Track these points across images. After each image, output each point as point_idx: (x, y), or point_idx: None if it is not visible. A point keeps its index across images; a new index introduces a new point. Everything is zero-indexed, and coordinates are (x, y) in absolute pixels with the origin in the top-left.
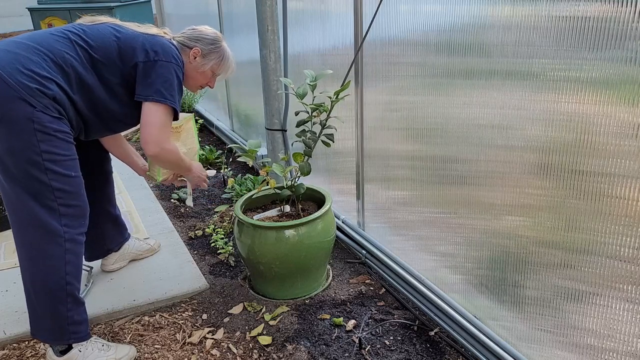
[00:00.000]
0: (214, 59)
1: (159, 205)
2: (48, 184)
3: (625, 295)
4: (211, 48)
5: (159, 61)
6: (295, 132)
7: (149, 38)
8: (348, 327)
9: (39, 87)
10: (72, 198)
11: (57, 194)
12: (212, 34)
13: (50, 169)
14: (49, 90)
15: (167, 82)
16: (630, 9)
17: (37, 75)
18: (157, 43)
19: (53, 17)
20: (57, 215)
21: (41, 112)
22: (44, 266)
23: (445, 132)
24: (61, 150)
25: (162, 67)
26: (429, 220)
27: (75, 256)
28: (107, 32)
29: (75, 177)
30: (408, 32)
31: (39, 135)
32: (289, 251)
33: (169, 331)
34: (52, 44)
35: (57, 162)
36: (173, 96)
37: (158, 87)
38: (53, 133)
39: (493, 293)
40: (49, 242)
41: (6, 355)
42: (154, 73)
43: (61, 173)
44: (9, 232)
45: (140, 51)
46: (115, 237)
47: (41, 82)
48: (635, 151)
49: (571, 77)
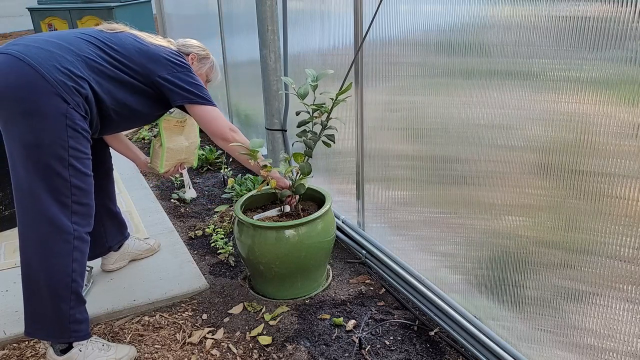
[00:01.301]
0: (207, 64)
1: (159, 205)
2: (68, 180)
3: (625, 295)
4: (203, 54)
5: (181, 71)
6: (296, 133)
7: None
8: (348, 327)
9: (75, 85)
10: (85, 196)
11: (73, 190)
12: (199, 44)
13: (73, 165)
14: (83, 90)
15: (195, 85)
16: (630, 9)
17: (73, 74)
18: (170, 54)
19: (53, 17)
20: (69, 213)
21: (73, 109)
22: (52, 263)
23: (445, 132)
24: (84, 148)
25: (185, 74)
26: (429, 220)
27: (82, 254)
28: (127, 42)
29: (90, 176)
30: (408, 32)
31: (70, 132)
32: (289, 251)
33: (169, 331)
34: (82, 47)
35: (79, 159)
36: (206, 94)
37: (192, 92)
38: (81, 131)
39: (493, 293)
40: (59, 239)
41: (6, 355)
42: (181, 81)
43: (81, 171)
44: (9, 232)
45: (160, 64)
46: (115, 235)
47: (77, 80)
48: (635, 151)
49: (571, 77)
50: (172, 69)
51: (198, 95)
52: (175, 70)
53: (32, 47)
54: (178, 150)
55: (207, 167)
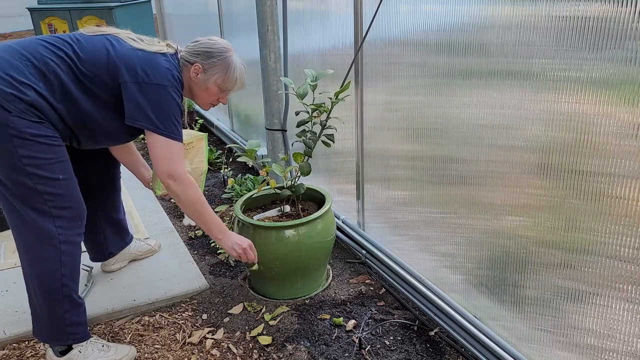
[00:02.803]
0: (216, 73)
1: (159, 205)
2: (34, 188)
3: (625, 295)
4: (212, 62)
5: (149, 84)
6: (296, 132)
7: (143, 56)
8: (348, 327)
9: (15, 92)
10: (64, 200)
11: (45, 197)
12: (214, 46)
13: (33, 173)
14: (25, 96)
15: (159, 108)
16: (630, 9)
17: (15, 80)
18: (150, 62)
19: (53, 17)
20: (51, 218)
21: (17, 117)
22: (40, 269)
23: (445, 132)
24: (43, 154)
25: (153, 90)
26: (429, 220)
27: (72, 258)
28: (100, 46)
29: (64, 180)
30: (408, 32)
31: (16, 141)
32: (289, 251)
33: (169, 331)
34: (38, 51)
35: (40, 166)
36: (169, 125)
37: (149, 115)
38: (31, 138)
39: (493, 293)
40: (44, 244)
41: (6, 355)
42: (144, 97)
43: (47, 177)
44: (9, 232)
45: (129, 70)
46: (116, 242)
47: (17, 87)
48: (635, 151)
49: (571, 77)
50: (138, 78)
51: (156, 122)
52: (140, 80)
53: None
54: None
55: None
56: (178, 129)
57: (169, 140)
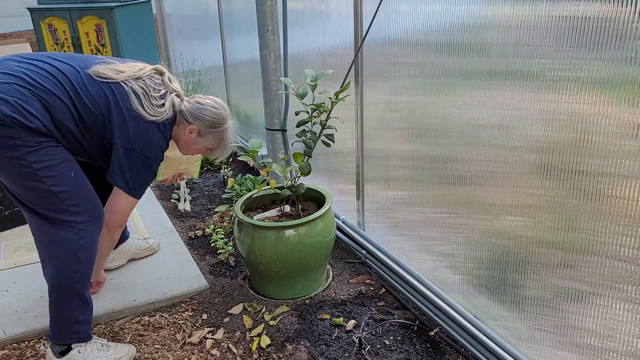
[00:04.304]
0: (210, 139)
1: (159, 205)
2: (49, 190)
3: (625, 295)
4: (210, 131)
5: (136, 152)
6: (296, 132)
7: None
8: (348, 327)
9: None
10: (80, 197)
11: (62, 196)
12: (216, 116)
13: (46, 175)
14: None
15: (138, 175)
16: (630, 9)
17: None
18: (143, 134)
19: (53, 17)
20: (71, 215)
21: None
22: (58, 258)
23: (445, 132)
24: (50, 156)
25: (138, 158)
26: (429, 220)
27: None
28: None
29: (75, 177)
30: (408, 32)
31: (23, 150)
32: (289, 251)
33: (169, 331)
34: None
35: (50, 167)
36: (139, 189)
37: (127, 178)
38: (36, 145)
39: (493, 293)
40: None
41: (6, 355)
42: (128, 162)
43: (59, 176)
44: (8, 233)
45: (122, 135)
46: None
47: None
48: (635, 151)
49: (571, 77)
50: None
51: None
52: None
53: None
54: (177, 160)
55: (207, 167)
56: (142, 191)
57: (133, 200)
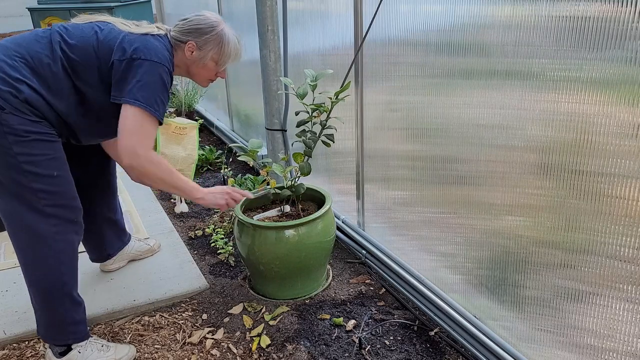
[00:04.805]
0: (212, 48)
1: (159, 205)
2: (28, 186)
3: (625, 295)
4: (206, 38)
5: (137, 59)
6: (296, 132)
7: (132, 37)
8: (348, 327)
9: (10, 89)
10: (58, 198)
11: (40, 195)
12: (205, 21)
13: (28, 170)
14: (20, 93)
15: (145, 83)
16: (630, 9)
17: (8, 76)
18: (139, 39)
19: (53, 17)
20: (45, 217)
21: (11, 114)
22: (39, 268)
23: (445, 132)
24: (38, 150)
25: (141, 66)
26: (429, 220)
27: (69, 256)
28: (88, 31)
29: (58, 177)
30: (408, 32)
31: (10, 138)
32: (289, 251)
33: (169, 331)
34: (31, 46)
35: (35, 163)
36: (150, 99)
37: (132, 88)
38: (24, 134)
39: (493, 293)
40: (40, 244)
41: (6, 355)
42: (131, 72)
43: (41, 174)
44: None
45: (118, 49)
46: (114, 243)
47: (12, 83)
48: (635, 151)
49: (571, 77)
50: (127, 56)
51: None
52: (129, 57)
53: None
54: (173, 158)
55: (207, 167)
56: (160, 108)
57: (144, 113)
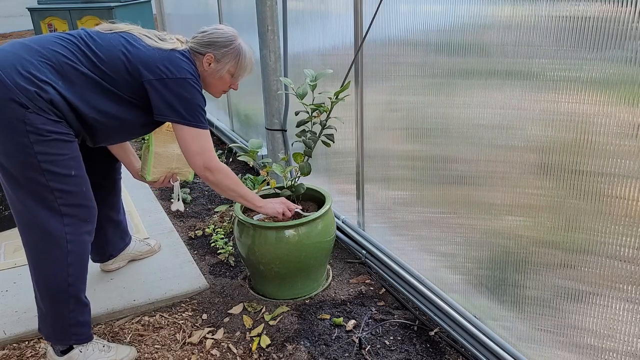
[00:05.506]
0: (229, 61)
1: (159, 205)
2: (46, 185)
3: (625, 295)
4: (224, 52)
5: (172, 79)
6: (295, 132)
7: (161, 54)
8: (348, 327)
9: (37, 89)
10: (75, 198)
11: (57, 194)
12: (223, 35)
13: (47, 169)
14: (46, 94)
15: (186, 100)
16: (630, 9)
17: (36, 78)
18: (169, 59)
19: (53, 17)
20: (59, 216)
21: (35, 113)
22: (46, 268)
23: (445, 132)
24: (57, 150)
25: (177, 84)
26: (429, 220)
27: (79, 258)
28: (116, 44)
29: (75, 176)
30: (408, 32)
31: (32, 137)
32: (289, 251)
33: (169, 331)
34: (56, 49)
35: (54, 162)
36: (195, 115)
37: (178, 108)
38: (46, 134)
39: (493, 293)
40: (51, 244)
41: (6, 355)
42: (169, 92)
43: (60, 173)
44: (9, 232)
45: (149, 69)
46: (117, 243)
47: (38, 84)
48: (635, 151)
49: (571, 77)
50: (162, 75)
51: (185, 114)
52: (164, 77)
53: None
54: (168, 157)
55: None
56: (204, 117)
57: (198, 131)
